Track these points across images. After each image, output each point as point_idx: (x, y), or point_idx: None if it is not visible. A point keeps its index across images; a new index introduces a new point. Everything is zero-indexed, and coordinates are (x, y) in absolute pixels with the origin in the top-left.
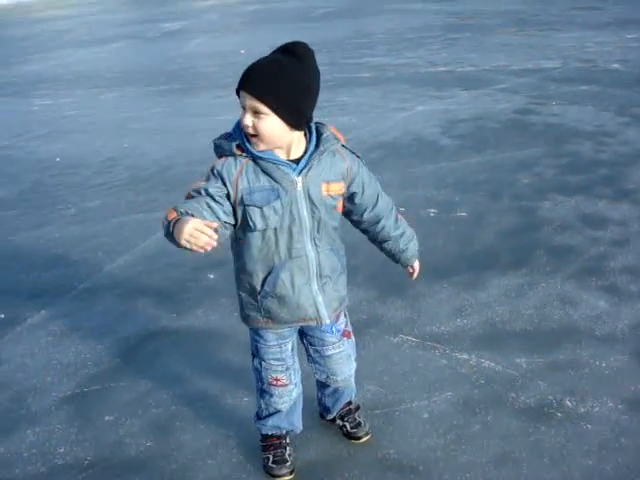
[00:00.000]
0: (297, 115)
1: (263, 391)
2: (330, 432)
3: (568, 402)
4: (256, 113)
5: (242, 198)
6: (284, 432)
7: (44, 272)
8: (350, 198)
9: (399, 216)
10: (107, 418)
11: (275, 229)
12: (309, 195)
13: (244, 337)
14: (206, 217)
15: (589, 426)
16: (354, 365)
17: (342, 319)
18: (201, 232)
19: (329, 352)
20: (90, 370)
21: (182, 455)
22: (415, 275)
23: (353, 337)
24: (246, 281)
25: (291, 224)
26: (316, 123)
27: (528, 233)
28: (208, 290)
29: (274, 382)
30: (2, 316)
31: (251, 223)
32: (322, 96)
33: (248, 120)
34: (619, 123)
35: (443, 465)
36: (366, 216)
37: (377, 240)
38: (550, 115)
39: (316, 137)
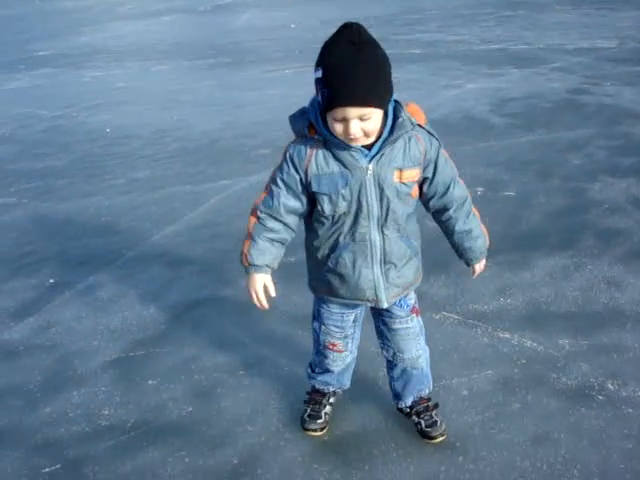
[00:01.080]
0: (389, 96)
1: (319, 351)
2: (368, 404)
3: (610, 385)
4: (362, 118)
5: (311, 184)
6: (331, 390)
7: (93, 240)
8: (420, 183)
9: (473, 211)
10: (150, 382)
11: (343, 213)
12: (379, 182)
13: (287, 308)
14: (277, 249)
15: (630, 410)
16: (424, 347)
17: (412, 295)
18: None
19: (396, 326)
20: (135, 335)
21: (222, 421)
22: (475, 275)
23: (420, 319)
24: (313, 254)
25: (358, 210)
26: (395, 102)
27: (576, 214)
28: None
29: (330, 346)
30: (52, 281)
31: (320, 208)
32: None
33: (357, 129)
34: None
35: (480, 442)
36: (433, 203)
37: (443, 232)
38: (604, 95)
39: (392, 121)
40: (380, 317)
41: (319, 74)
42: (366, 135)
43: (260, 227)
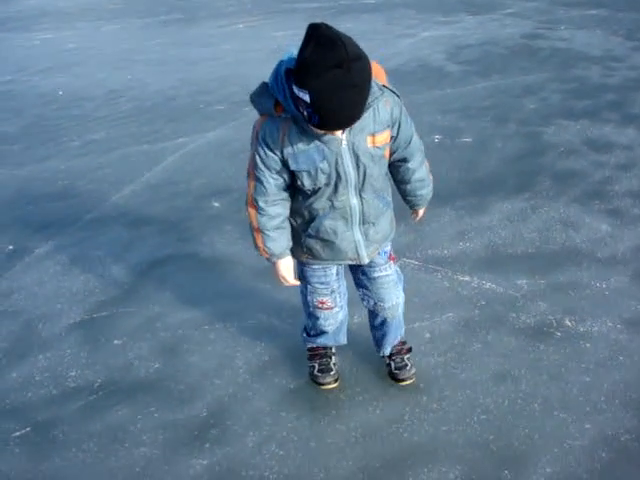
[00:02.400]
0: None
1: (310, 314)
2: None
3: (568, 322)
4: None
5: (289, 163)
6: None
7: (51, 204)
8: None
9: (425, 162)
10: (116, 342)
11: (323, 185)
12: (354, 150)
13: (249, 262)
14: (287, 229)
15: (588, 345)
16: (402, 295)
17: (388, 243)
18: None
19: (376, 274)
20: (98, 297)
21: (189, 376)
22: (417, 219)
23: (398, 267)
24: (293, 220)
25: (337, 180)
26: None
27: (532, 158)
28: (213, 218)
29: (319, 305)
30: (11, 247)
31: (300, 183)
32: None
33: (340, 132)
34: (628, 48)
35: (444, 382)
36: (395, 156)
37: (396, 179)
38: (558, 40)
39: None
40: (359, 267)
41: (305, 97)
42: None
43: (264, 218)
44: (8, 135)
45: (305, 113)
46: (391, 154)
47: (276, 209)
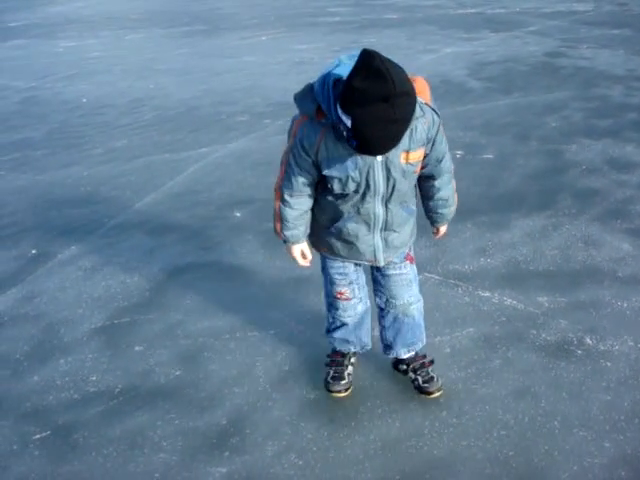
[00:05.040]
0: None
1: (330, 305)
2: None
3: (588, 340)
4: None
5: (321, 167)
6: (351, 349)
7: (73, 210)
8: None
9: (452, 183)
10: (137, 348)
11: (352, 192)
12: (387, 165)
13: (270, 272)
14: (305, 219)
15: (608, 363)
16: (417, 295)
17: (406, 247)
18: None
19: (390, 272)
20: (120, 303)
21: (210, 384)
22: (437, 237)
23: (415, 267)
24: (316, 217)
25: (366, 189)
26: None
27: (554, 176)
28: (235, 227)
29: (338, 295)
30: (34, 252)
31: (330, 187)
32: (348, 37)
33: None
34: None
35: (463, 397)
36: (423, 171)
37: (422, 194)
38: (580, 58)
39: None
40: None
41: (348, 122)
42: None
43: (286, 209)
44: (32, 141)
45: (345, 134)
46: (421, 169)
47: (299, 203)
